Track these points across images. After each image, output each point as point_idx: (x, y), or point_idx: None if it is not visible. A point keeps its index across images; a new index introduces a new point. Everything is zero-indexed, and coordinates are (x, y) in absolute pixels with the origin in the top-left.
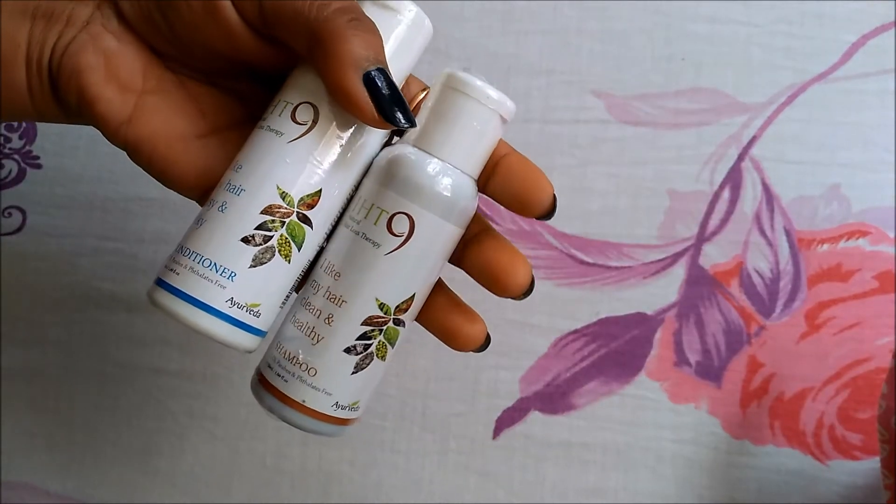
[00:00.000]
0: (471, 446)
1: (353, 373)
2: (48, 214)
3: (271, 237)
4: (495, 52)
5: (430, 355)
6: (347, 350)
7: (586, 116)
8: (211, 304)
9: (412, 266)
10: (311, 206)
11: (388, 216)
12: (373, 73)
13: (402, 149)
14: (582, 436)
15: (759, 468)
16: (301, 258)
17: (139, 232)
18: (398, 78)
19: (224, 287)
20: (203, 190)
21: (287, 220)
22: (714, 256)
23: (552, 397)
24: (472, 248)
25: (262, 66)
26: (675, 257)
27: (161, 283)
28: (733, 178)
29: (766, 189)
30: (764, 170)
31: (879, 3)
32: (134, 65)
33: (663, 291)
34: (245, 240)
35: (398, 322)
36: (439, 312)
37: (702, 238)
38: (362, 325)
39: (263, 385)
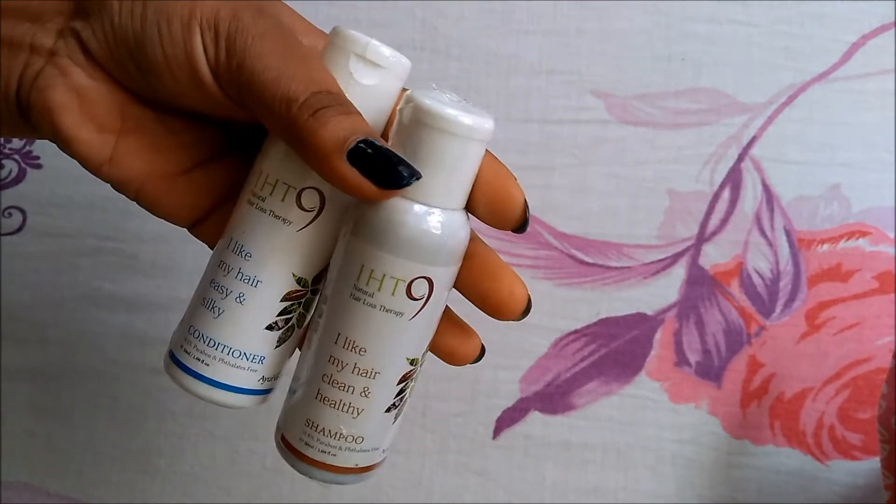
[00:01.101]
0: (471, 446)
1: (393, 422)
2: (48, 214)
3: (291, 318)
4: (495, 52)
5: (430, 355)
6: (388, 409)
7: (586, 116)
8: (246, 387)
9: (433, 318)
10: (319, 280)
11: (406, 284)
12: (356, 148)
13: (394, 205)
14: (582, 436)
15: (759, 468)
16: (307, 318)
17: (139, 232)
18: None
19: (255, 370)
20: (193, 221)
21: (303, 300)
22: (714, 256)
23: (552, 397)
24: (467, 273)
25: (246, 122)
26: (675, 257)
27: (191, 371)
28: (733, 178)
29: (766, 189)
30: (764, 170)
31: (879, 3)
32: (110, 103)
33: (663, 291)
34: (269, 327)
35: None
36: (437, 334)
37: (702, 238)
38: (398, 384)
39: (309, 462)
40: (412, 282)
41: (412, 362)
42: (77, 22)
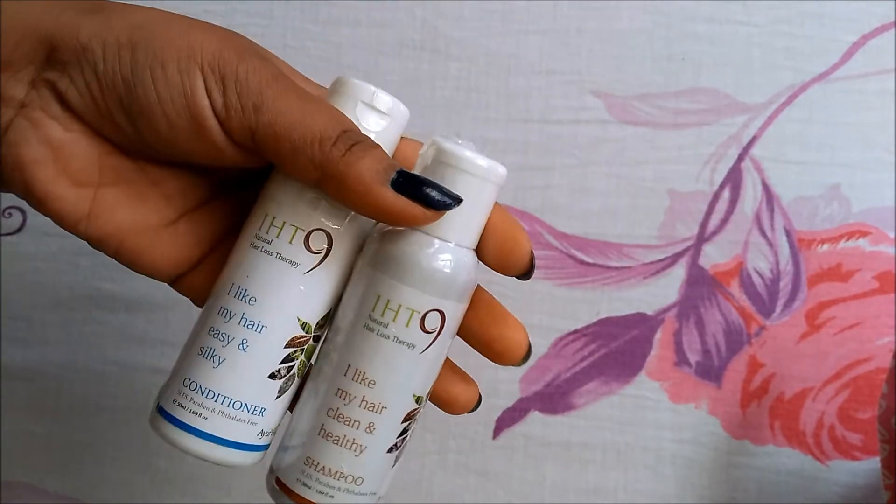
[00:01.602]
0: (471, 446)
1: (392, 466)
2: None
3: (294, 366)
4: (495, 52)
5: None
6: (390, 450)
7: (586, 116)
8: (246, 442)
9: (441, 355)
10: (322, 327)
11: (420, 316)
12: (397, 178)
13: (412, 239)
14: (582, 436)
15: (759, 468)
16: (307, 367)
17: None
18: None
19: (255, 423)
20: (176, 275)
21: (306, 347)
22: (714, 256)
23: (552, 397)
24: (473, 318)
25: (243, 168)
26: (675, 257)
27: (185, 426)
28: (733, 178)
29: (767, 189)
30: (764, 170)
31: (879, 3)
32: (87, 157)
33: (663, 291)
34: (272, 375)
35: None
36: (438, 381)
37: (702, 238)
38: (403, 422)
39: (298, 501)
40: (426, 314)
41: (417, 400)
42: (51, 73)
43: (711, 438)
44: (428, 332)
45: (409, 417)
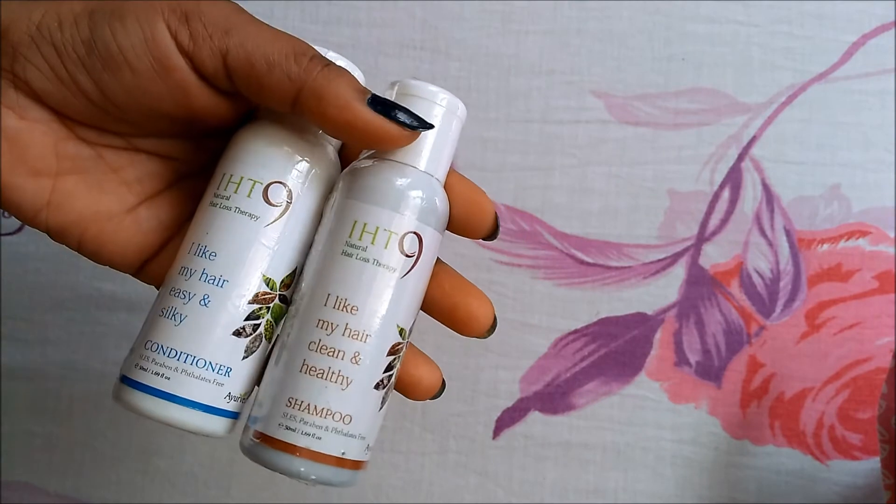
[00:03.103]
0: (471, 446)
1: (380, 409)
2: None
3: (259, 325)
4: (495, 52)
5: (430, 355)
6: (377, 386)
7: (586, 116)
8: (212, 405)
9: (422, 285)
10: (287, 286)
11: (399, 238)
12: (373, 98)
13: (386, 166)
14: (582, 436)
15: (759, 468)
16: (276, 332)
17: None
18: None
19: (222, 385)
20: (140, 263)
21: (272, 305)
22: (714, 256)
23: (552, 397)
24: (436, 288)
25: (209, 121)
26: (675, 257)
27: (147, 388)
28: (733, 178)
29: (766, 189)
30: (764, 170)
31: (879, 3)
32: (43, 144)
33: (663, 291)
34: (237, 333)
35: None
36: (402, 364)
37: (702, 238)
38: (388, 355)
39: (291, 450)
40: (404, 236)
41: (401, 333)
42: (4, 60)
43: (711, 438)
44: (408, 256)
45: (394, 351)
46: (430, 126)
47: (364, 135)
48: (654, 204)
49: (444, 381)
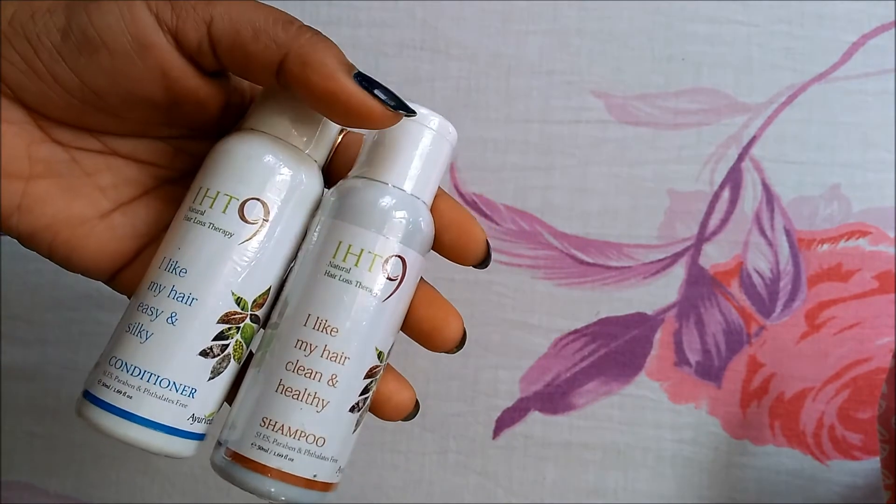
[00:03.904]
0: (471, 446)
1: (354, 431)
2: None
3: (228, 345)
4: (495, 52)
5: (430, 355)
6: (352, 409)
7: (586, 116)
8: (175, 426)
9: (402, 308)
10: (261, 306)
11: (383, 260)
12: (358, 73)
13: (373, 187)
14: (582, 436)
15: (759, 468)
16: (247, 353)
17: None
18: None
19: (185, 406)
20: (113, 271)
21: (242, 325)
22: (714, 256)
23: (552, 397)
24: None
25: (190, 110)
26: (675, 257)
27: (108, 406)
28: (733, 178)
29: (766, 189)
30: (764, 170)
31: (879, 3)
32: (15, 146)
33: (663, 291)
34: (204, 353)
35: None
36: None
37: (702, 238)
38: (365, 378)
39: (262, 471)
40: (388, 259)
41: (379, 356)
42: None
43: (711, 438)
44: (391, 280)
45: (371, 374)
46: (413, 112)
47: (346, 108)
48: (654, 204)
49: (417, 402)
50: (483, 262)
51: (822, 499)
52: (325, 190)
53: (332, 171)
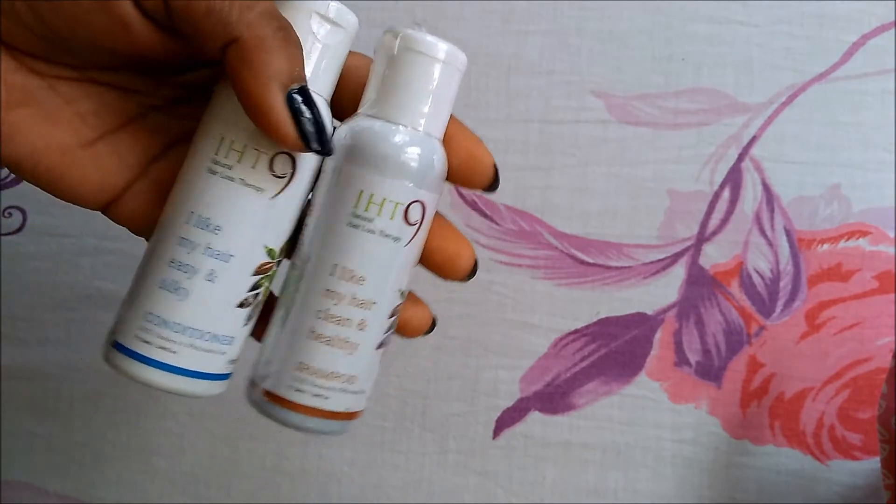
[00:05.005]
0: (471, 446)
1: (379, 362)
2: (48, 214)
3: (260, 293)
4: (495, 52)
5: (430, 355)
6: (379, 346)
7: (586, 116)
8: (215, 373)
9: (419, 249)
10: (285, 252)
11: (404, 208)
12: (295, 92)
13: (389, 130)
14: (582, 436)
15: (759, 468)
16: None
17: None
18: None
19: (224, 353)
20: (105, 202)
21: (271, 272)
22: (714, 256)
23: (552, 397)
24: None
25: (158, 59)
26: (675, 257)
27: (154, 362)
28: (733, 178)
29: (766, 189)
30: (764, 170)
31: (879, 3)
32: None
33: (663, 291)
34: (241, 304)
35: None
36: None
37: (702, 238)
38: (390, 317)
39: (301, 410)
40: (410, 205)
41: (402, 295)
42: None
43: (711, 438)
44: (411, 225)
45: (395, 312)
46: (330, 153)
47: (263, 120)
48: (654, 204)
49: (434, 319)
50: (491, 186)
51: (822, 499)
52: (336, 124)
53: (337, 104)
